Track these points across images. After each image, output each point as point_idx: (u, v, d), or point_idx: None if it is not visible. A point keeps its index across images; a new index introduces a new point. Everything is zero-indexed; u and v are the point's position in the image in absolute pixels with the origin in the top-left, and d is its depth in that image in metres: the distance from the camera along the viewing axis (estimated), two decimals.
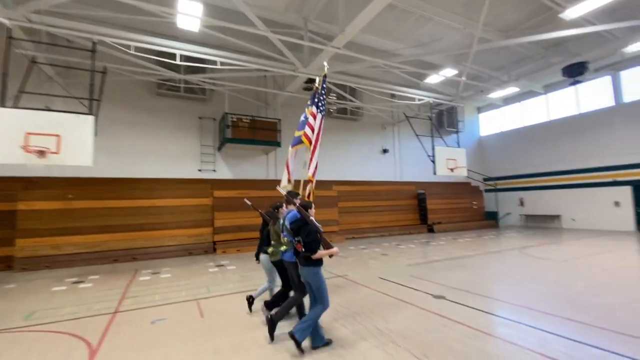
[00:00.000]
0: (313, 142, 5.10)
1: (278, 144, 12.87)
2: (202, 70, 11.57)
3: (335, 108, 15.64)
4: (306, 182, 5.14)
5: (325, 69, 5.72)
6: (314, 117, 5.18)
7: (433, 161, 13.03)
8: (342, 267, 7.91)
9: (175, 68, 10.67)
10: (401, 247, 11.18)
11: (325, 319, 4.11)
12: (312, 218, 3.49)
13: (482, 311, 4.60)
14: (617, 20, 9.79)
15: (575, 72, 12.34)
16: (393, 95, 15.49)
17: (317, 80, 5.48)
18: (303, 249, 3.44)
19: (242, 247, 11.03)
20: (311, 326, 3.41)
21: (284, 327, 3.89)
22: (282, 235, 3.95)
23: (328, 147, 15.60)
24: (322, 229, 3.49)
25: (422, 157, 14.01)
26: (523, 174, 18.35)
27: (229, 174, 13.38)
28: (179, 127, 12.65)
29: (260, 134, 12.43)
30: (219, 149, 12.85)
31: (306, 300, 3.90)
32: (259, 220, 5.11)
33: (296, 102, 13.10)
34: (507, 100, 19.20)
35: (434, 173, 13.09)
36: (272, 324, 3.68)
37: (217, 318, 4.61)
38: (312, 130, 5.13)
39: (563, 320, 4.19)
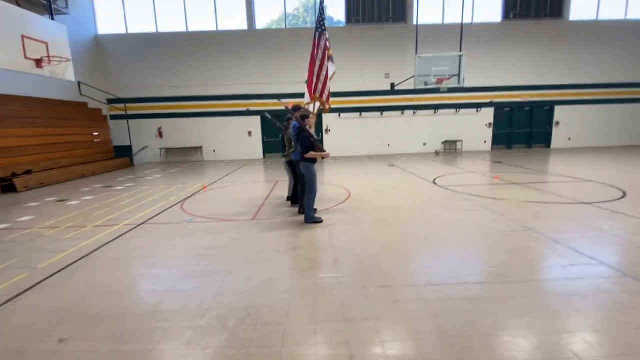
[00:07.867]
0: (316, 72, 6.16)
1: None
2: None
3: None
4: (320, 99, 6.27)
5: None
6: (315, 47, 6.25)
7: None
8: None
9: None
10: None
11: None
12: (309, 127, 4.74)
13: None
14: None
15: None
16: None
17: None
18: (300, 150, 4.66)
19: None
20: (311, 210, 4.89)
21: None
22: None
23: None
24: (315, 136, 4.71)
25: None
26: (162, 96, 14.63)
27: None
28: None
29: None
30: None
31: None
32: None
33: None
34: None
35: None
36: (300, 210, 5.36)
37: None
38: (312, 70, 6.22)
39: None
